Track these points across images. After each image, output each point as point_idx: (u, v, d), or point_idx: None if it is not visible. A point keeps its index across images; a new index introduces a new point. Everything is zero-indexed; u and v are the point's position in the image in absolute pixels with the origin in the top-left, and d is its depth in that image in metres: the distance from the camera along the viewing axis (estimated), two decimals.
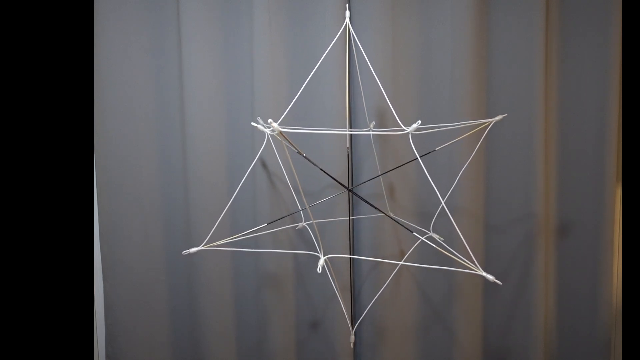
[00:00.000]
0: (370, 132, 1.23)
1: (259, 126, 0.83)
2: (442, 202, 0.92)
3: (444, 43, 1.32)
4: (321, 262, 0.94)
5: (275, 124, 0.82)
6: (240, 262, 1.39)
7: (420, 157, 0.89)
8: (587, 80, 1.34)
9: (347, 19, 1.05)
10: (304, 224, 1.31)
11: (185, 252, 1.03)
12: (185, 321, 1.41)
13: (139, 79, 1.32)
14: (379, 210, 1.07)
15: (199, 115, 1.29)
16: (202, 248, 1.04)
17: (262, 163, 1.32)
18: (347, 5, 1.21)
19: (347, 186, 1.24)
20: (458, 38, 1.30)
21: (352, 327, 1.34)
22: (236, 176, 1.35)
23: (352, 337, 1.20)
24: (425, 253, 1.34)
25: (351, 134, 1.32)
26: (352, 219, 1.37)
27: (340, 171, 1.31)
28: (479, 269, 0.84)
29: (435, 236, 1.13)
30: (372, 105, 1.30)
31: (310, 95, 1.28)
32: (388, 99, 1.32)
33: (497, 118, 1.02)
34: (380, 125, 1.31)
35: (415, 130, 0.85)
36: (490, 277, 0.82)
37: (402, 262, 1.19)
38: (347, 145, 1.27)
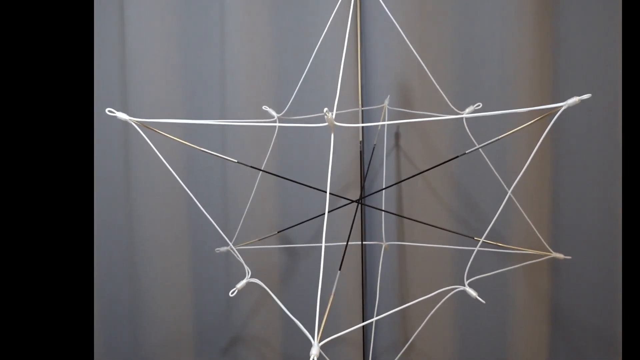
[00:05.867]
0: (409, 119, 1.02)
1: (119, 114, 0.69)
2: (495, 215, 0.79)
3: None
4: (241, 283, 0.81)
5: (123, 114, 0.69)
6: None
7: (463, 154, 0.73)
8: None
9: None
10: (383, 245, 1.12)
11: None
12: None
13: None
14: (434, 226, 0.95)
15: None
16: (232, 248, 0.91)
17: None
18: None
19: (356, 198, 1.06)
20: None
21: None
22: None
23: None
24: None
25: (362, 127, 1.10)
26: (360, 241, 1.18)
27: (351, 177, 1.12)
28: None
29: (473, 293, 0.89)
30: (390, 82, 1.07)
31: (308, 77, 1.02)
32: (411, 75, 1.02)
33: (571, 101, 0.63)
34: (404, 107, 1.07)
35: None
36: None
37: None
38: (360, 139, 1.07)
